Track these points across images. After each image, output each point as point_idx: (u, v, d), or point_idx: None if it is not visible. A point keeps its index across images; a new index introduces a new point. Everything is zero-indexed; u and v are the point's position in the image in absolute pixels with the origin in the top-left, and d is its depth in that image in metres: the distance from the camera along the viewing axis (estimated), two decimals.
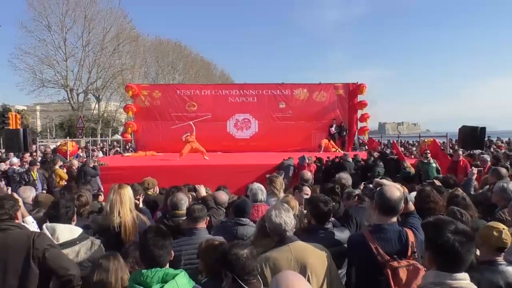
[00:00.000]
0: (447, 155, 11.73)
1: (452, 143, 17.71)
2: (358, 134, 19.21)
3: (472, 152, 11.37)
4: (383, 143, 20.32)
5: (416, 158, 12.96)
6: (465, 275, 1.89)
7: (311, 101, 18.45)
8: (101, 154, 19.98)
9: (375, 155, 11.82)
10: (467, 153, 10.88)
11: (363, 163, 11.26)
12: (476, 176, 6.26)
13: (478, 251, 2.64)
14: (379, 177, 6.39)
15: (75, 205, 3.87)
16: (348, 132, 18.41)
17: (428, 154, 10.04)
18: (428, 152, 10.22)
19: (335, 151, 16.20)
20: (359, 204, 4.45)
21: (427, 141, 13.45)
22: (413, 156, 15.29)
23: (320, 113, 18.39)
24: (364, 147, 19.05)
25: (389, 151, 14.32)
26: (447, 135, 15.30)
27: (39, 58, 33.23)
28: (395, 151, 12.80)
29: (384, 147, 18.63)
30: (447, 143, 15.67)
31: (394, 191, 2.75)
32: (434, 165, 9.66)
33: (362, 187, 5.39)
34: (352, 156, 11.77)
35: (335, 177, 6.03)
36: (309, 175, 6.58)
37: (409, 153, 17.51)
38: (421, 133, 20.59)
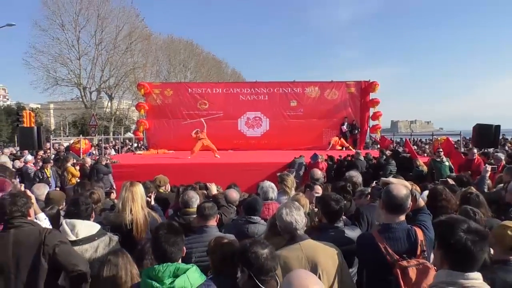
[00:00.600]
0: (461, 153, 11.58)
1: (466, 141, 17.49)
2: (370, 132, 19.07)
3: (486, 150, 11.20)
4: (396, 141, 20.16)
5: (429, 156, 12.82)
6: (478, 275, 1.86)
7: (322, 99, 18.34)
8: (113, 152, 20.20)
9: (387, 154, 11.73)
10: (481, 151, 10.73)
11: (375, 162, 11.18)
12: (490, 174, 6.17)
13: (492, 251, 2.60)
14: (391, 175, 6.34)
15: None
16: (360, 130, 18.27)
17: (441, 152, 9.89)
18: (441, 150, 10.08)
19: (340, 149, 16.10)
20: (371, 202, 4.42)
21: (440, 139, 13.30)
22: (426, 154, 15.14)
23: (331, 111, 18.27)
24: (376, 145, 18.90)
25: (402, 150, 14.20)
26: (460, 133, 15.14)
27: (53, 56, 33.69)
28: (407, 149, 12.68)
29: (396, 145, 18.47)
30: (460, 141, 15.50)
31: (400, 189, 2.72)
32: (447, 163, 9.52)
33: (373, 186, 5.35)
34: (363, 154, 11.69)
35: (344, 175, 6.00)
36: (319, 174, 6.55)
37: (422, 151, 17.34)
38: (434, 131, 20.41)
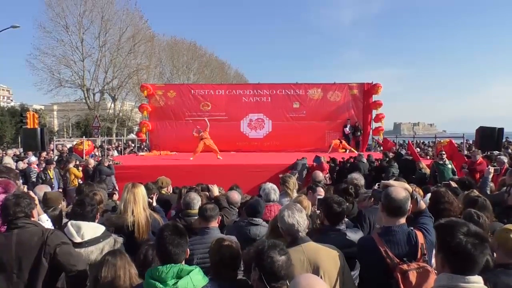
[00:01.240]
0: (464, 156, 11.54)
1: (468, 144, 17.44)
2: (372, 134, 19.05)
3: (489, 153, 11.16)
4: (398, 144, 20.11)
5: (431, 159, 12.79)
6: (479, 278, 1.85)
7: (325, 101, 18.35)
8: (116, 153, 20.22)
9: (390, 156, 11.71)
10: (484, 154, 10.68)
11: (378, 164, 11.16)
12: (493, 176, 6.14)
13: (495, 254, 2.58)
14: (393, 178, 6.32)
15: None
16: (362, 132, 18.26)
17: (443, 155, 9.86)
18: (443, 153, 10.05)
19: (344, 151, 16.07)
20: (373, 204, 4.40)
21: (443, 141, 13.25)
22: (428, 157, 15.09)
23: (334, 113, 18.29)
24: (379, 147, 18.86)
25: (404, 152, 14.16)
26: (463, 136, 15.09)
27: (57, 58, 33.79)
28: (410, 152, 12.65)
29: (399, 147, 18.43)
30: (464, 144, 15.45)
31: (399, 192, 2.71)
32: (450, 166, 9.50)
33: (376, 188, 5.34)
34: (366, 156, 11.67)
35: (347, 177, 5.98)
36: (321, 176, 6.55)
37: (425, 153, 17.28)
38: (437, 133, 20.32)
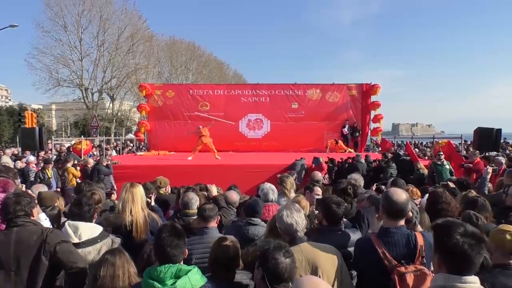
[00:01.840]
0: (462, 156, 11.56)
1: (467, 145, 17.47)
2: (371, 135, 19.08)
3: (487, 154, 11.18)
4: (397, 144, 20.15)
5: (429, 159, 12.81)
6: (475, 278, 1.86)
7: (324, 101, 18.38)
8: (114, 153, 20.20)
9: (389, 156, 11.73)
10: (482, 155, 10.71)
11: (376, 164, 11.17)
12: (491, 176, 6.15)
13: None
14: (392, 178, 6.34)
15: None
16: (361, 133, 18.29)
17: (441, 155, 9.87)
18: (441, 153, 10.06)
19: (344, 151, 16.09)
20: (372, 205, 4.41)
21: (441, 142, 13.27)
22: (426, 157, 15.11)
23: (333, 114, 18.33)
24: (377, 148, 18.89)
25: (402, 152, 14.18)
26: (461, 137, 15.11)
27: (55, 57, 33.63)
28: (408, 152, 12.67)
29: (397, 148, 18.47)
30: (462, 144, 15.48)
31: (400, 194, 2.71)
32: (447, 166, 9.50)
33: (374, 189, 5.35)
34: (363, 157, 11.68)
35: (346, 178, 6.00)
36: (320, 176, 6.57)
37: (423, 154, 17.31)
38: (435, 134, 20.31)
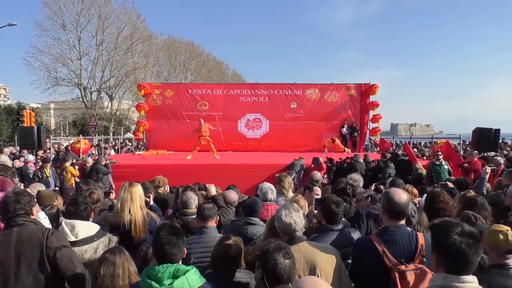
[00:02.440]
0: (460, 157, 11.57)
1: (465, 145, 17.49)
2: (369, 135, 19.09)
3: (486, 154, 11.19)
4: (395, 144, 20.17)
5: (428, 159, 12.81)
6: (473, 278, 1.86)
7: (322, 101, 18.39)
8: (113, 152, 20.15)
9: (388, 156, 11.72)
10: (480, 155, 10.71)
11: (374, 164, 11.16)
12: (489, 175, 6.16)
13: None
14: (390, 178, 6.34)
15: None
16: (359, 132, 18.30)
17: (440, 155, 9.86)
18: (440, 153, 10.04)
19: (342, 151, 16.08)
20: (371, 205, 4.41)
21: (440, 142, 13.28)
22: (425, 157, 15.12)
23: (331, 114, 18.33)
24: (376, 148, 18.90)
25: (401, 153, 14.18)
26: (460, 137, 15.12)
27: (54, 56, 33.63)
28: (406, 152, 12.67)
29: (396, 148, 18.48)
30: (460, 144, 15.49)
31: (401, 195, 2.71)
32: (446, 167, 9.49)
33: (372, 188, 5.36)
34: (362, 157, 11.68)
35: (345, 177, 6.00)
36: (319, 176, 6.58)
37: (421, 154, 17.31)
38: (434, 134, 20.36)
